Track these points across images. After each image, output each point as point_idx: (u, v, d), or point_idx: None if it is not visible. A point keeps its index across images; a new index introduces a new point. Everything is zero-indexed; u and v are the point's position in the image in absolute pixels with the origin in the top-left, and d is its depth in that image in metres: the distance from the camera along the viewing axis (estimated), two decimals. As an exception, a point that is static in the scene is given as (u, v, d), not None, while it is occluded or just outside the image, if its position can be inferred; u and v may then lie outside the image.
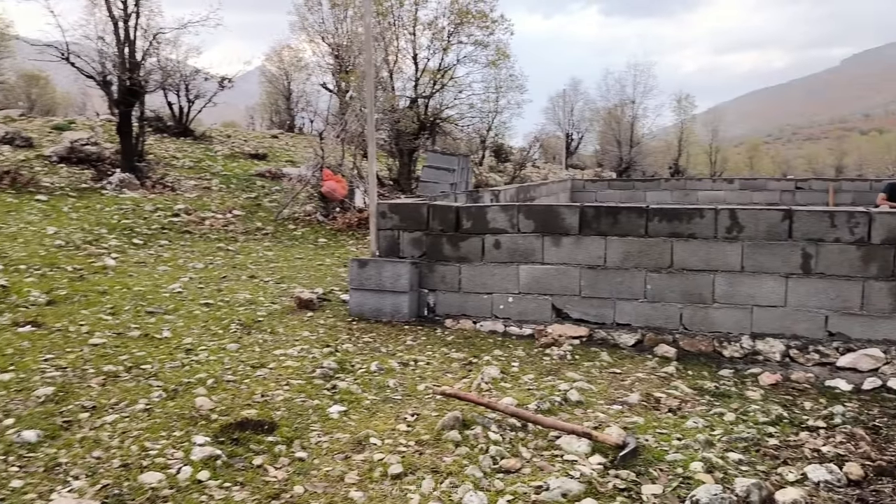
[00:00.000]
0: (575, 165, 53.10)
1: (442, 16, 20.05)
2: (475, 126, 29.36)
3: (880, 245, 4.84)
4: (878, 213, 4.84)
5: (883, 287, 4.85)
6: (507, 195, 9.69)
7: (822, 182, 13.22)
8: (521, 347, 5.26)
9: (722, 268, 5.20)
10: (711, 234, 5.21)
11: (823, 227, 4.95)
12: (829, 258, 4.95)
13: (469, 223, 5.89)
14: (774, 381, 4.71)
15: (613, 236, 5.46)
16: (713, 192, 13.65)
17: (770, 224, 5.07)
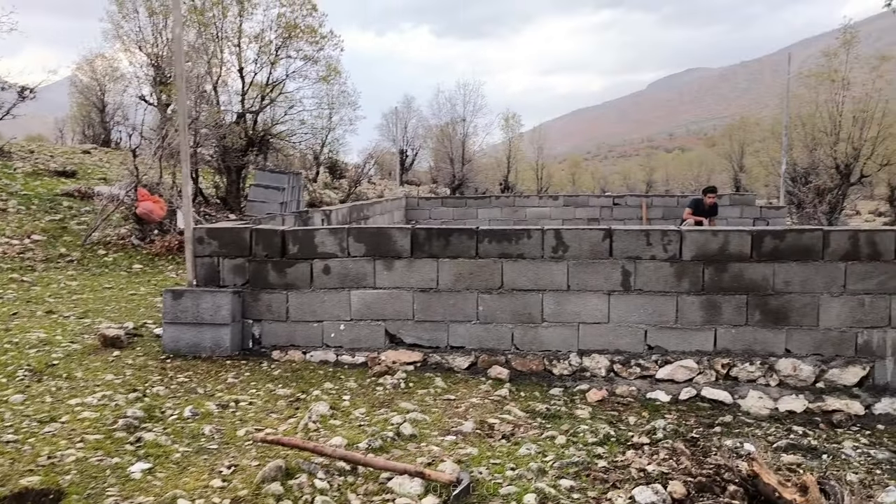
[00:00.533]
0: (411, 181, 53.69)
1: (269, 29, 19.41)
2: (308, 142, 28.71)
3: (691, 261, 5.13)
4: (688, 231, 5.13)
5: (694, 301, 5.14)
6: (340, 215, 9.41)
7: (635, 198, 14.20)
8: (354, 377, 5.01)
9: (550, 287, 5.28)
10: (539, 255, 5.27)
11: (640, 246, 5.17)
12: (646, 275, 5.17)
13: (296, 248, 5.56)
14: (601, 397, 4.82)
15: (445, 258, 5.38)
16: (540, 208, 14.21)
17: (592, 243, 5.22)
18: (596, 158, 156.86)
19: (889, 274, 4.90)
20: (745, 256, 5.06)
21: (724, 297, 5.10)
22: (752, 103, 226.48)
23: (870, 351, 4.97)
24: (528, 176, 58.89)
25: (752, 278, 5.06)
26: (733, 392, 4.95)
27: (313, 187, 26.12)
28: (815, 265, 4.99)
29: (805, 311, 5.02)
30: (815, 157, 28.00)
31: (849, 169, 26.53)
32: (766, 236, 5.03)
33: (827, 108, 27.40)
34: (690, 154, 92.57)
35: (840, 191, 27.29)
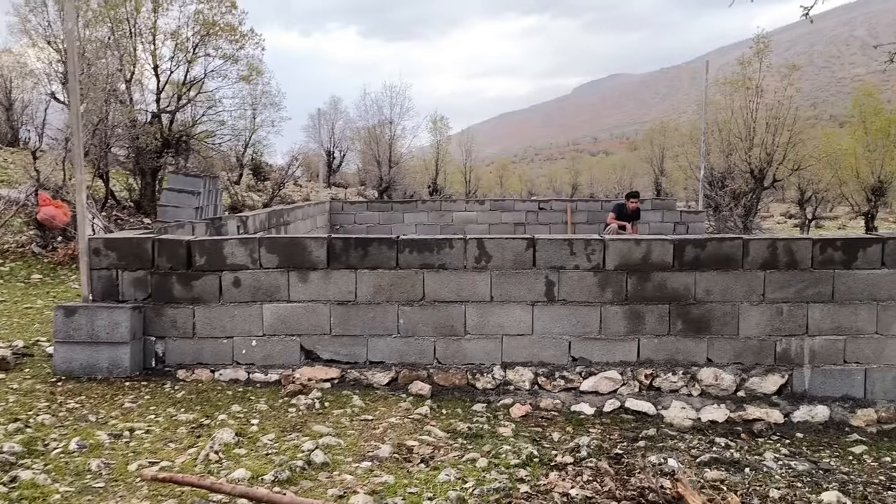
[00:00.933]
0: (338, 184, 52.93)
1: (185, 26, 18.67)
2: (230, 144, 27.82)
3: (614, 271, 5.05)
4: (611, 240, 5.05)
5: (618, 311, 5.06)
6: (258, 221, 9.01)
7: (560, 203, 14.28)
8: (265, 398, 4.70)
9: (473, 298, 5.10)
10: (462, 265, 5.09)
11: (564, 255, 5.06)
12: (570, 285, 5.06)
13: (203, 259, 5.20)
14: (525, 412, 4.67)
15: (364, 269, 5.13)
16: (467, 212, 14.10)
17: (516, 253, 5.07)
18: (523, 161, 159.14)
19: (806, 282, 4.95)
20: (668, 266, 5.01)
21: (647, 306, 5.04)
22: (671, 109, 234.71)
23: (788, 359, 5.00)
24: (457, 178, 59.05)
25: (674, 287, 5.02)
26: (656, 403, 4.89)
27: (236, 190, 25.31)
28: (735, 274, 4.99)
29: (726, 320, 5.01)
30: (731, 161, 29.04)
31: (762, 173, 27.64)
32: (688, 245, 5.00)
33: (742, 115, 28.46)
34: (614, 158, 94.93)
35: (755, 195, 28.40)
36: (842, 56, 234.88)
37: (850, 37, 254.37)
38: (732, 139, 28.24)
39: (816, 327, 4.97)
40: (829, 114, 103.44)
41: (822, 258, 4.92)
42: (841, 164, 33.51)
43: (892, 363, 4.93)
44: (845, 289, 4.93)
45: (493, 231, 14.07)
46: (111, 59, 16.82)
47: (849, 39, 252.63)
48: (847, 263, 4.92)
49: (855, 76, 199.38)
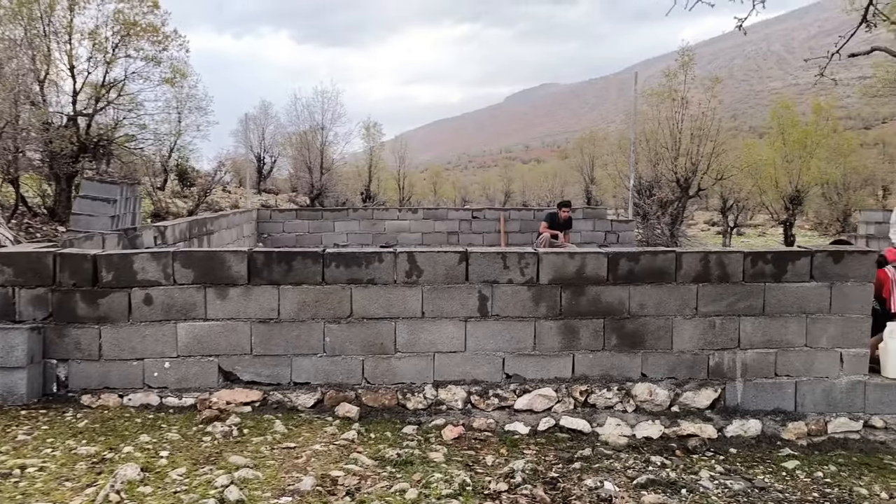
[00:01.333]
0: (269, 190, 51.80)
1: (104, 25, 17.81)
2: (154, 148, 26.77)
3: (548, 285, 4.91)
4: (545, 253, 4.91)
5: (552, 326, 4.92)
6: (177, 231, 8.55)
7: (494, 211, 14.22)
8: (178, 425, 4.35)
9: (403, 314, 4.88)
10: (391, 279, 4.86)
11: (497, 269, 4.89)
12: (503, 300, 4.90)
13: (111, 275, 4.80)
14: (457, 434, 4.48)
15: (288, 285, 4.83)
16: (399, 221, 13.87)
17: (448, 267, 4.88)
18: (457, 168, 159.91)
19: (738, 295, 4.93)
20: (602, 279, 4.92)
21: (581, 321, 4.93)
22: (599, 119, 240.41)
23: (721, 373, 4.97)
24: (391, 185, 58.68)
25: (608, 301, 4.93)
26: (591, 420, 4.78)
27: (160, 196, 24.34)
28: (668, 287, 4.93)
29: (660, 335, 4.95)
30: (658, 171, 29.79)
31: (688, 183, 28.43)
32: (622, 259, 4.91)
33: (668, 126, 29.29)
34: (545, 166, 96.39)
35: (680, 203, 29.20)
36: (760, 70, 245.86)
37: (767, 51, 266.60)
38: (659, 149, 28.98)
39: (748, 341, 4.96)
40: (748, 125, 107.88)
41: (754, 271, 4.92)
42: (761, 174, 34.86)
43: (821, 376, 4.96)
44: (775, 302, 4.94)
45: (426, 240, 13.89)
46: (23, 59, 15.88)
47: (766, 54, 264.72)
48: (777, 276, 4.93)
49: (772, 89, 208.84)
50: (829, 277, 4.93)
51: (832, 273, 4.92)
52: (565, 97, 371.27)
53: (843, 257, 4.92)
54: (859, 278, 4.93)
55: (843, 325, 4.95)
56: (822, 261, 4.92)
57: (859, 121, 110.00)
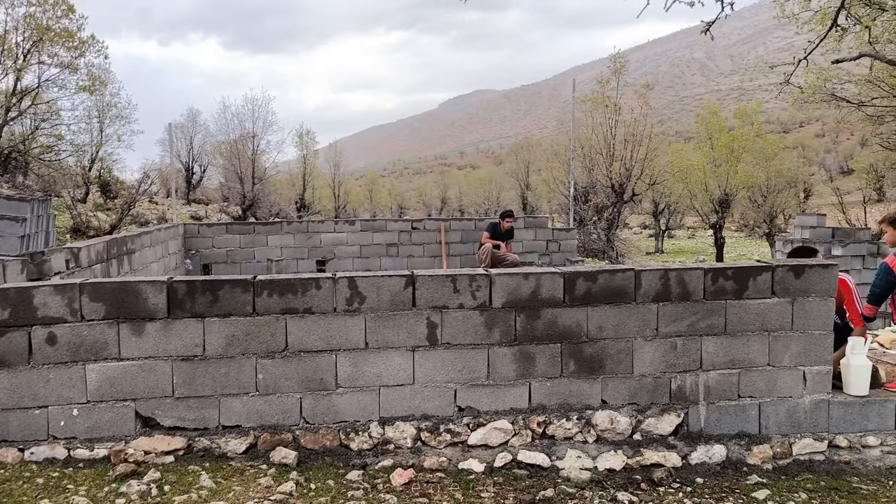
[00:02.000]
0: (199, 200, 50.15)
1: (14, 30, 16.68)
2: (74, 159, 25.41)
3: (502, 309, 4.56)
4: (497, 274, 4.56)
5: (507, 353, 4.57)
6: (93, 252, 7.84)
7: (434, 222, 13.84)
8: (87, 485, 3.79)
9: (345, 346, 4.44)
10: (331, 308, 4.41)
11: (447, 293, 4.51)
12: (454, 326, 4.52)
13: (7, 312, 4.19)
14: (407, 478, 4.06)
15: (214, 317, 4.32)
16: (336, 234, 13.33)
17: (393, 292, 4.46)
18: (392, 175, 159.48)
19: (699, 314, 4.69)
20: (558, 301, 4.59)
21: (537, 346, 4.59)
22: (532, 125, 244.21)
23: (683, 396, 4.71)
24: (326, 193, 57.79)
25: (565, 325, 4.61)
26: (551, 453, 4.44)
27: (80, 210, 23.03)
28: (627, 308, 4.64)
29: (620, 358, 4.66)
30: (593, 176, 30.13)
31: (622, 188, 28.83)
32: (579, 279, 4.60)
33: (602, 131, 29.66)
34: (481, 172, 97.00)
35: (616, 208, 29.58)
36: (683, 76, 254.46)
37: (690, 59, 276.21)
38: (594, 155, 29.32)
39: (710, 361, 4.72)
40: (674, 130, 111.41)
41: (714, 288, 4.69)
42: (691, 179, 35.71)
43: (785, 395, 4.76)
44: (737, 320, 4.72)
45: (364, 252, 13.40)
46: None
47: (689, 61, 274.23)
48: (738, 293, 4.71)
49: (696, 95, 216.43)
50: (790, 293, 4.74)
51: (793, 288, 4.74)
52: (499, 103, 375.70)
53: (804, 272, 4.74)
54: (821, 293, 4.76)
55: (806, 343, 4.77)
56: (784, 276, 4.73)
57: (778, 125, 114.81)
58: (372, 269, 13.41)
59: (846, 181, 71.12)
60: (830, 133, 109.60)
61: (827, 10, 11.18)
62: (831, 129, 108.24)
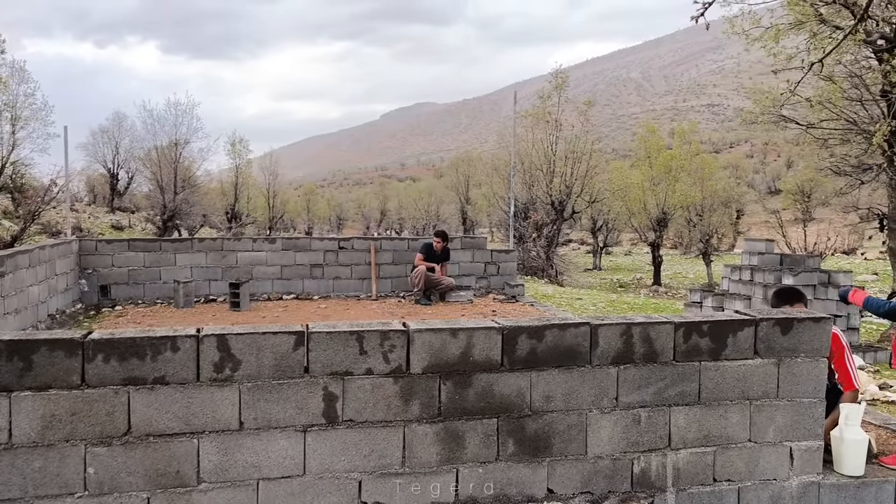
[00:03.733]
0: (125, 208, 47.70)
1: None
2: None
3: (422, 375, 3.53)
4: (417, 331, 3.53)
5: (428, 432, 3.55)
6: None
7: (363, 241, 12.73)
8: None
9: (211, 427, 3.33)
10: (192, 376, 3.30)
11: (351, 355, 3.46)
12: (360, 398, 3.47)
13: None
14: None
15: (26, 391, 3.16)
16: (254, 252, 12.07)
17: (279, 354, 3.39)
18: (332, 185, 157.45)
19: (668, 379, 3.77)
20: (495, 364, 3.60)
21: (468, 422, 3.59)
22: (473, 139, 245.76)
23: (648, 482, 3.78)
24: (260, 203, 55.94)
25: (504, 394, 3.62)
26: (484, 562, 3.43)
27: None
28: (581, 372, 3.69)
29: (571, 436, 3.69)
30: (534, 193, 29.55)
31: (562, 206, 28.32)
32: (521, 335, 3.62)
33: (542, 147, 29.14)
34: (421, 184, 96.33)
35: (555, 226, 29.04)
36: (620, 96, 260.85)
37: (626, 78, 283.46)
38: (534, 171, 28.74)
39: (681, 438, 3.81)
40: (612, 147, 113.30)
41: (687, 347, 3.78)
42: (629, 197, 35.63)
43: (768, 478, 3.88)
44: (713, 386, 3.83)
45: (286, 273, 12.19)
46: None
47: (626, 81, 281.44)
48: (715, 353, 3.81)
49: (632, 114, 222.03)
50: (776, 352, 3.87)
51: (780, 347, 3.87)
52: (440, 116, 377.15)
53: (793, 326, 3.88)
54: (811, 352, 3.91)
55: (794, 413, 3.91)
56: (768, 331, 3.86)
57: (710, 145, 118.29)
58: (294, 291, 12.21)
59: (774, 201, 73.29)
60: (759, 154, 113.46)
61: (780, 27, 10.68)
62: (759, 150, 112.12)
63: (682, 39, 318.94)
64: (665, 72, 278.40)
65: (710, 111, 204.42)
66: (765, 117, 11.65)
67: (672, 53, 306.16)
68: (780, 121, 12.11)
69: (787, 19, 10.83)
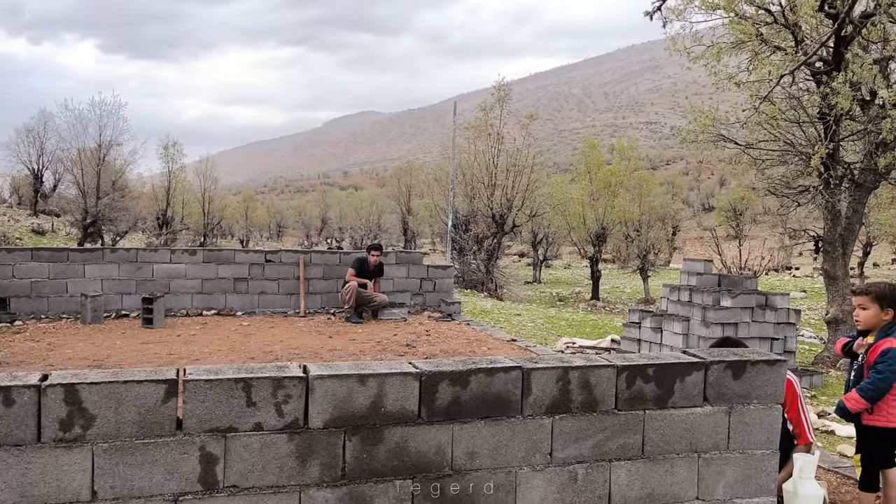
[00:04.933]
0: (50, 211, 45.38)
1: None
2: None
3: (324, 430, 2.97)
4: (318, 377, 2.97)
5: (329, 497, 2.98)
6: None
7: (292, 254, 12.04)
8: None
9: (56, 498, 2.69)
10: (32, 436, 2.66)
11: (236, 408, 2.87)
12: (245, 459, 2.88)
13: None
14: None
15: None
16: (172, 265, 11.23)
17: (145, 408, 2.78)
18: (273, 192, 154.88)
19: (608, 431, 3.31)
20: (411, 416, 3.07)
21: (378, 485, 3.04)
22: (417, 149, 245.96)
23: (585, 548, 3.30)
24: (196, 209, 54.25)
25: (421, 451, 3.09)
26: None
27: None
28: (511, 424, 3.19)
29: (498, 497, 3.19)
30: (475, 205, 29.25)
31: (503, 219, 28.10)
32: (443, 382, 3.11)
33: (484, 159, 28.90)
34: (363, 193, 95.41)
35: (496, 239, 28.79)
36: (561, 111, 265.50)
37: (568, 94, 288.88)
38: (476, 184, 28.45)
39: (622, 497, 3.35)
40: (553, 161, 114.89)
41: (630, 394, 3.33)
42: (569, 211, 35.74)
43: (718, 541, 3.46)
44: (659, 437, 3.39)
45: (206, 288, 11.40)
46: None
47: (567, 96, 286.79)
48: (661, 400, 3.38)
49: (573, 129, 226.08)
50: (727, 399, 3.47)
51: (731, 393, 3.47)
52: (384, 125, 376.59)
53: (746, 370, 3.48)
54: (765, 399, 3.51)
55: (745, 467, 3.50)
56: (719, 375, 3.45)
57: (647, 162, 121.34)
58: (215, 307, 11.43)
59: (708, 218, 75.29)
60: (694, 172, 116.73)
61: (721, 46, 10.55)
62: (694, 168, 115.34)
63: (622, 58, 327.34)
64: (605, 89, 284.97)
65: (647, 128, 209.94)
66: (704, 136, 11.52)
67: (612, 71, 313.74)
68: (719, 140, 12.02)
69: (729, 38, 10.72)
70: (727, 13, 10.47)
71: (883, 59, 10.02)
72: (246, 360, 8.11)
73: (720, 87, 10.61)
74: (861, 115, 10.39)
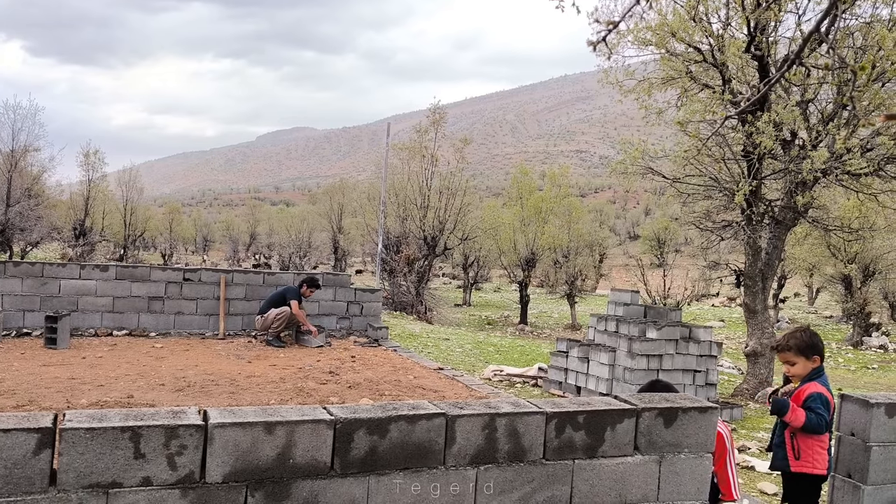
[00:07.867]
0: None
1: None
2: None
3: (223, 485, 2.66)
4: (219, 426, 2.67)
5: (227, 560, 2.67)
6: None
7: (213, 273, 11.49)
8: None
9: None
10: None
11: (121, 460, 2.53)
12: (131, 519, 2.54)
13: None
14: None
15: None
16: (82, 281, 10.51)
17: (12, 461, 2.40)
18: (201, 204, 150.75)
19: (536, 482, 3.11)
20: (324, 468, 2.80)
21: (283, 545, 2.74)
22: (350, 167, 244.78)
23: None
24: (117, 220, 52.11)
25: (333, 506, 2.81)
26: None
27: None
28: (432, 476, 2.95)
29: (417, 557, 2.94)
30: (407, 227, 29.04)
31: (435, 241, 27.96)
32: (359, 430, 2.84)
33: (417, 181, 28.77)
34: (294, 209, 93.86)
35: (427, 261, 28.60)
36: (496, 136, 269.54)
37: (502, 120, 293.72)
38: (408, 205, 28.27)
39: (549, 553, 3.15)
40: (486, 185, 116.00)
41: (559, 443, 3.15)
42: (500, 236, 35.96)
43: None
44: (587, 489, 3.21)
45: (118, 306, 10.73)
46: None
47: (501, 122, 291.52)
48: (591, 449, 3.21)
49: (506, 154, 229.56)
50: (657, 448, 3.33)
51: (662, 441, 3.33)
52: (318, 142, 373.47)
53: (678, 418, 3.35)
54: (696, 447, 3.39)
55: (675, 519, 3.37)
56: (650, 423, 3.31)
57: (577, 189, 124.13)
58: (128, 327, 10.78)
59: (633, 246, 77.30)
60: (620, 200, 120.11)
61: (653, 80, 10.73)
62: (621, 197, 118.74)
63: (555, 87, 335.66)
64: (538, 116, 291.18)
65: (578, 156, 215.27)
66: (634, 168, 11.67)
67: (546, 100, 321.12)
68: (647, 172, 12.19)
69: (660, 74, 10.92)
70: (658, 49, 10.67)
71: (804, 101, 10.38)
72: (155, 386, 7.59)
73: (650, 121, 10.77)
74: (782, 154, 10.72)
